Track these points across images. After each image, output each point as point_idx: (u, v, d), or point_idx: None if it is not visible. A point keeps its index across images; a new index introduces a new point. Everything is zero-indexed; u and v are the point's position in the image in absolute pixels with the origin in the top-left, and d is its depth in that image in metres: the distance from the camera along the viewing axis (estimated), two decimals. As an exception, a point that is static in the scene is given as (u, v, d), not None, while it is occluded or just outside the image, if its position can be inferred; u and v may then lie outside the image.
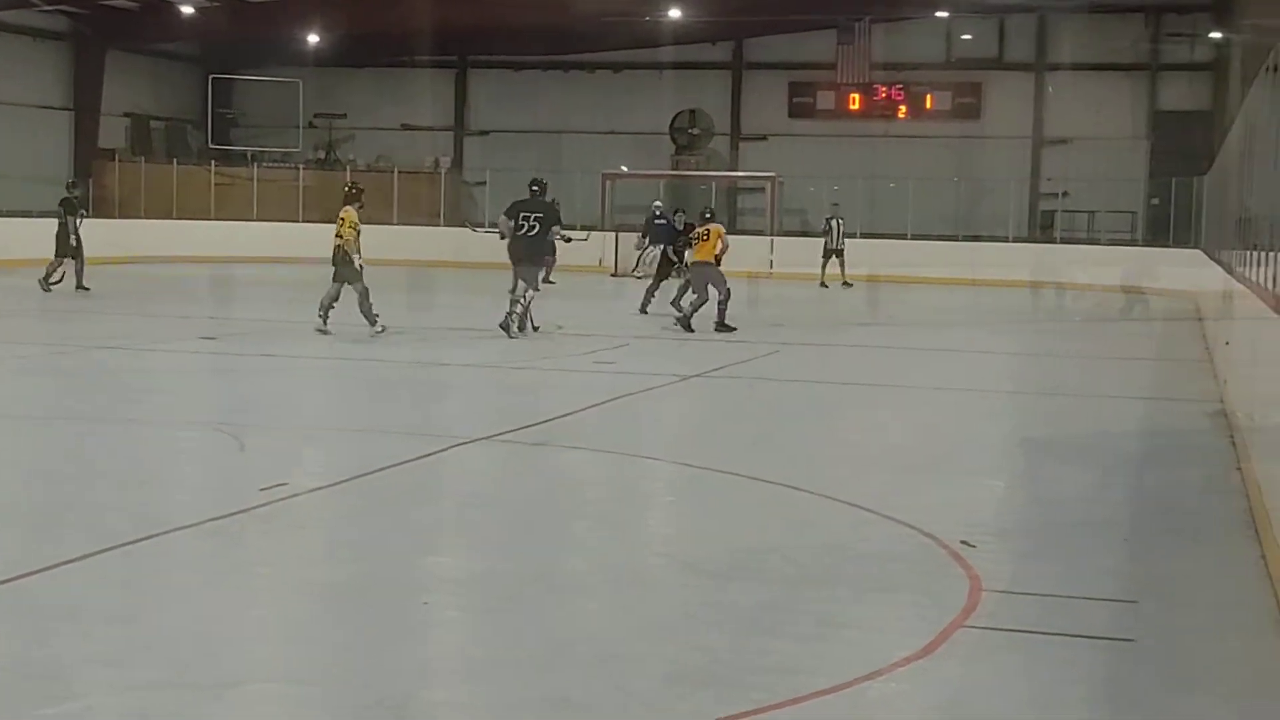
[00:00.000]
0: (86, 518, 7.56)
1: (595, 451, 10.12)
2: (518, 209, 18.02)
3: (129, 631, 5.67)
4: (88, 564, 6.53)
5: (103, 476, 8.83)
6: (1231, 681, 5.44)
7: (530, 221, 17.85)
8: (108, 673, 5.17)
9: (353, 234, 17.29)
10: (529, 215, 17.91)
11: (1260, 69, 12.02)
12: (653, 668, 5.30)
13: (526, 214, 17.94)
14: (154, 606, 6.04)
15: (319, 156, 40.51)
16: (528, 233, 17.78)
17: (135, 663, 5.27)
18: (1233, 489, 8.90)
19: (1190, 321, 22.19)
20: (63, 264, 23.33)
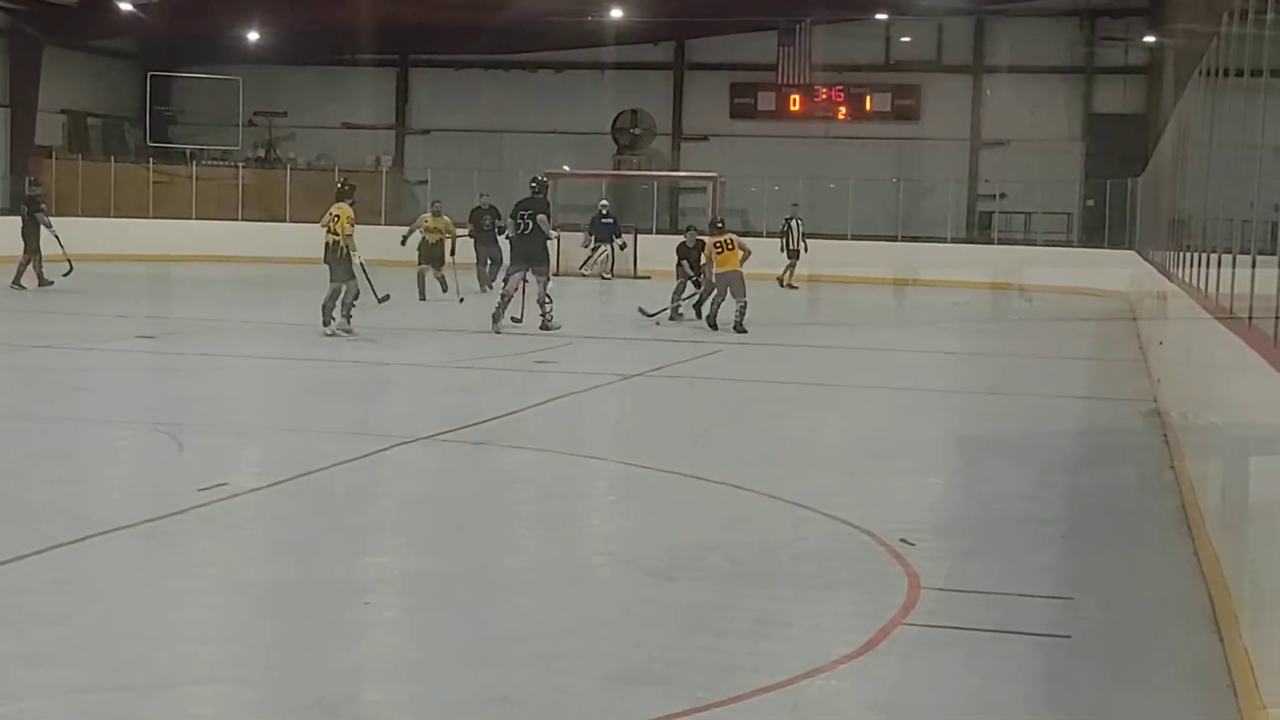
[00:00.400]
0: (20, 518, 7.46)
1: (536, 451, 10.10)
2: (518, 209, 18.22)
3: (63, 632, 5.61)
4: (22, 565, 6.44)
5: (37, 476, 8.71)
6: (1167, 676, 5.51)
7: (526, 220, 18.03)
8: (41, 674, 5.11)
9: (352, 231, 17.05)
10: (527, 213, 18.06)
11: (1192, 72, 12.17)
12: (592, 666, 5.30)
13: (525, 212, 18.09)
14: (90, 607, 5.97)
15: (259, 155, 40.21)
16: (524, 232, 17.98)
17: (70, 663, 5.22)
18: (1166, 487, 9.00)
19: (1125, 321, 22.42)
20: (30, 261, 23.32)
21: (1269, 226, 6.16)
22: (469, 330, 18.66)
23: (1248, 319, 6.32)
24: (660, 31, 38.42)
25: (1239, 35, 7.45)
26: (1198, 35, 12.79)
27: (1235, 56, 7.76)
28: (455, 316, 20.25)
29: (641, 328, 19.11)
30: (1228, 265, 7.58)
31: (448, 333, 18.61)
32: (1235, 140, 7.63)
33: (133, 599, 6.13)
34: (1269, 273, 5.83)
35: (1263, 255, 6.15)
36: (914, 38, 38.58)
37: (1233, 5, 7.86)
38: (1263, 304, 5.95)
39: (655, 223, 36.66)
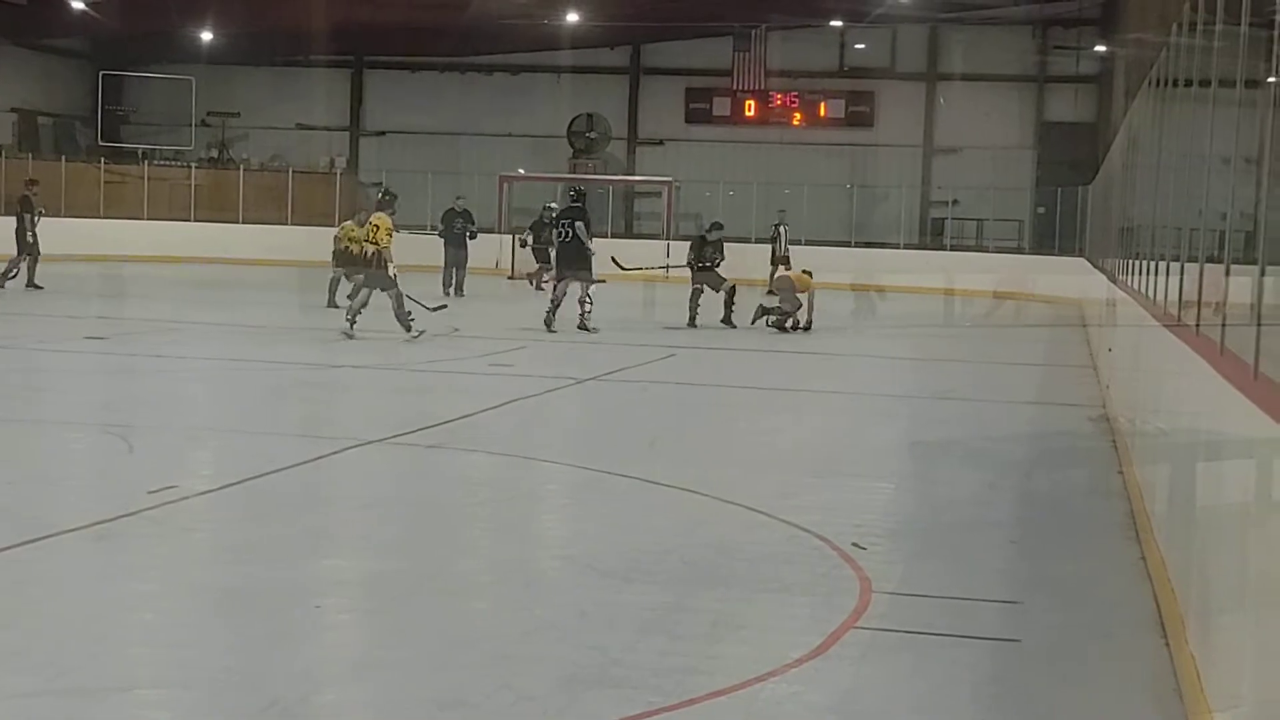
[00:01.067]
0: None
1: (491, 454, 10.10)
2: (559, 218, 19.14)
3: (9, 636, 5.56)
4: (-31, 567, 6.36)
5: None
6: (1115, 680, 5.57)
7: (567, 228, 18.71)
8: None
9: (390, 240, 17.16)
10: (568, 222, 18.76)
11: (1142, 82, 12.30)
12: (547, 669, 5.30)
13: (566, 221, 18.83)
14: (37, 611, 5.92)
15: (212, 155, 40.01)
16: (565, 240, 18.70)
17: (16, 667, 5.16)
18: (1114, 491, 9.10)
19: (1075, 328, 22.61)
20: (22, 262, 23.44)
21: (1216, 235, 6.24)
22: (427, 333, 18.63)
23: (1195, 326, 6.40)
24: (616, 36, 38.51)
25: (1187, 46, 7.55)
26: (1147, 45, 12.93)
27: (1184, 67, 7.86)
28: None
29: (596, 331, 19.11)
30: (1176, 273, 7.68)
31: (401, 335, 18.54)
32: (1183, 149, 7.72)
33: (81, 602, 6.07)
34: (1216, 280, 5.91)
35: (1210, 263, 6.23)
36: (868, 45, 38.81)
37: (1181, 16, 7.96)
38: (1209, 311, 6.03)
39: (610, 226, 36.68)
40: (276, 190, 37.90)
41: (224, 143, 40.44)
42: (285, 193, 37.61)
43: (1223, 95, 6.04)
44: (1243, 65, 5.40)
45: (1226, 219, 5.88)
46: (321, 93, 40.61)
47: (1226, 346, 5.37)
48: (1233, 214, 5.76)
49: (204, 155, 39.82)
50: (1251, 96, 5.20)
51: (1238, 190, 5.72)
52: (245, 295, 25.74)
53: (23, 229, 23.71)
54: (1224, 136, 5.91)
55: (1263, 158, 4.85)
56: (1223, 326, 5.49)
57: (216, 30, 37.07)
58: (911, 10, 35.43)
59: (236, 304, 23.65)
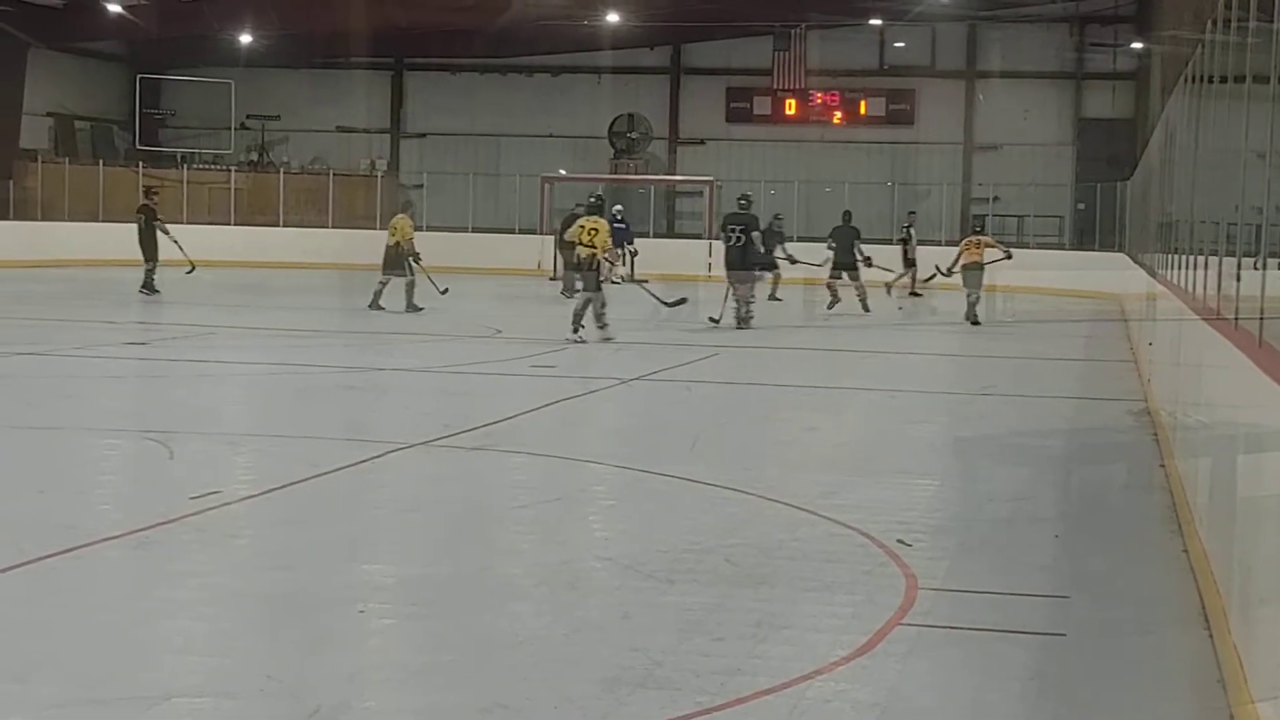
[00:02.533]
0: (6, 530, 7.32)
1: (534, 455, 10.11)
2: (726, 222, 19.53)
3: (48, 645, 5.54)
4: (7, 578, 6.37)
5: (24, 486, 8.56)
6: (1159, 673, 5.55)
7: (735, 233, 19.16)
8: (24, 689, 5.03)
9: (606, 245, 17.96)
10: (735, 227, 19.24)
11: (1178, 79, 12.24)
12: (591, 671, 5.30)
13: (732, 226, 19.31)
14: (76, 620, 5.89)
15: (251, 159, 40.14)
16: (735, 244, 19.19)
17: (54, 677, 5.15)
18: (1156, 485, 9.07)
19: (1115, 322, 22.48)
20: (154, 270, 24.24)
21: (1254, 229, 6.21)
22: (464, 335, 18.70)
23: (1234, 320, 6.38)
24: (656, 36, 38.50)
25: (1222, 42, 7.52)
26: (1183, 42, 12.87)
27: (1219, 63, 7.83)
28: (449, 322, 20.29)
29: (637, 331, 19.12)
30: (1214, 267, 7.65)
31: (443, 338, 18.63)
32: (1220, 144, 7.69)
33: (121, 611, 6.06)
34: (1255, 274, 5.89)
35: (1248, 257, 6.21)
36: (908, 43, 38.69)
37: (1216, 13, 7.93)
38: (1248, 305, 6.01)
39: (653, 226, 36.72)
40: (317, 193, 38.03)
41: (264, 146, 40.57)
42: (326, 195, 37.75)
43: (1257, 91, 6.01)
44: (1276, 61, 5.37)
45: (1263, 213, 5.86)
46: (361, 95, 40.73)
47: (1265, 339, 5.36)
48: (1269, 208, 5.73)
49: (243, 158, 39.97)
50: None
51: (1274, 185, 5.69)
52: (286, 299, 25.87)
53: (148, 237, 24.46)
54: (1259, 132, 5.89)
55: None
56: (1261, 319, 5.47)
57: (254, 33, 37.19)
58: (950, 8, 35.31)
59: (277, 308, 23.79)
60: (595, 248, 17.67)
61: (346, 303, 25.33)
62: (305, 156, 40.53)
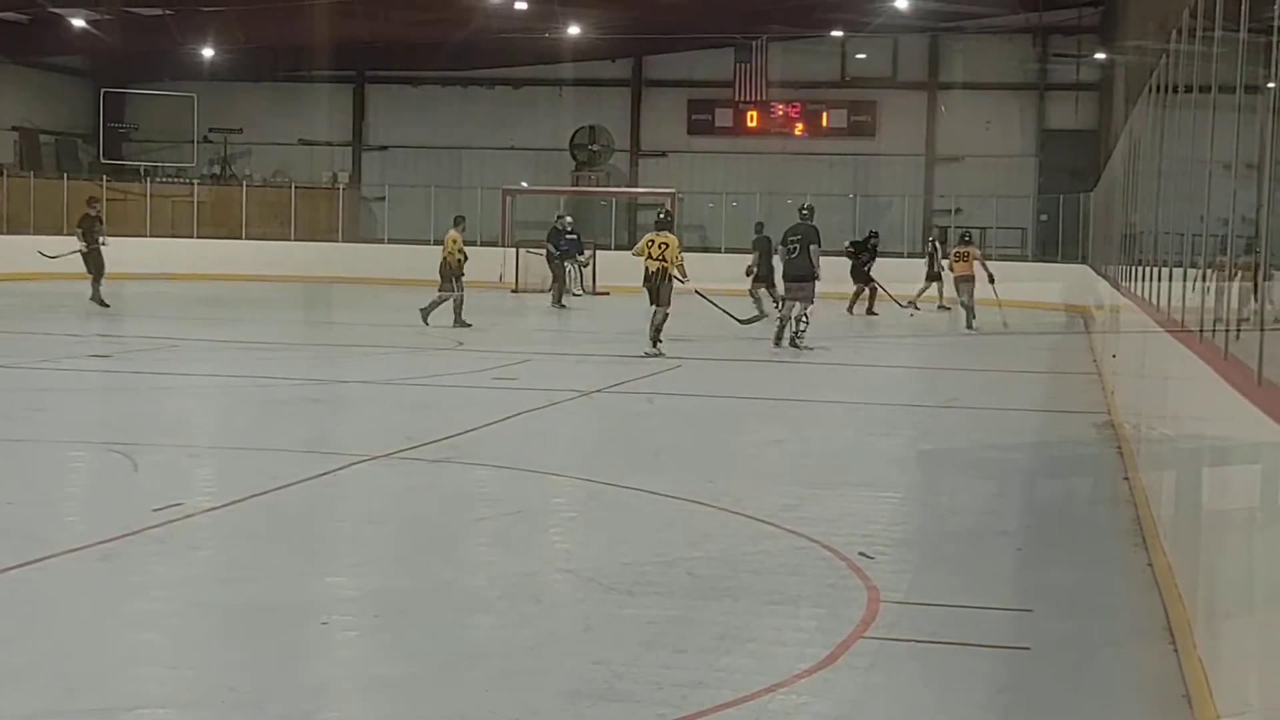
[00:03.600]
0: None
1: (496, 468, 10.07)
2: (788, 235, 19.11)
3: (11, 656, 5.52)
4: (-30, 588, 6.32)
5: None
6: (1124, 687, 5.55)
7: (793, 245, 18.90)
8: None
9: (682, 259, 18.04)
10: (797, 239, 18.91)
11: (1142, 89, 12.31)
12: (553, 684, 5.29)
13: (794, 238, 18.95)
14: (40, 631, 5.89)
15: (214, 172, 40.04)
16: (793, 256, 18.91)
17: (18, 688, 5.14)
18: (1120, 498, 9.09)
19: (1079, 335, 22.59)
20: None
21: (1218, 240, 6.23)
22: (427, 348, 18.65)
23: (1199, 332, 6.40)
24: (618, 48, 38.56)
25: (1187, 52, 7.56)
26: (1147, 52, 12.95)
27: (1183, 73, 7.86)
28: (412, 335, 20.23)
29: (599, 343, 19.12)
30: (1179, 279, 7.67)
31: (405, 350, 18.57)
32: (1184, 155, 7.72)
33: (85, 622, 6.05)
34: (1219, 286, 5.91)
35: (1213, 269, 6.23)
36: (869, 55, 38.84)
37: (1181, 23, 7.97)
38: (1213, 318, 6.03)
39: (614, 239, 36.73)
40: (279, 206, 37.94)
41: (226, 159, 40.47)
42: (288, 208, 37.67)
43: (1223, 101, 6.04)
44: (1242, 71, 5.39)
45: (1229, 224, 5.88)
46: (323, 108, 40.65)
47: (1231, 352, 5.37)
48: (1234, 219, 5.75)
49: (206, 172, 39.86)
50: (1251, 102, 5.20)
51: (1239, 195, 5.71)
52: (249, 311, 25.76)
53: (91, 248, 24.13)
54: (1225, 142, 5.91)
55: (1263, 163, 4.85)
56: (1226, 332, 5.48)
57: (217, 47, 37.09)
58: (912, 20, 35.46)
59: (240, 320, 23.67)
60: (665, 261, 17.77)
61: (309, 315, 25.26)
62: (268, 169, 40.44)
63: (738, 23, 36.94)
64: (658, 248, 17.87)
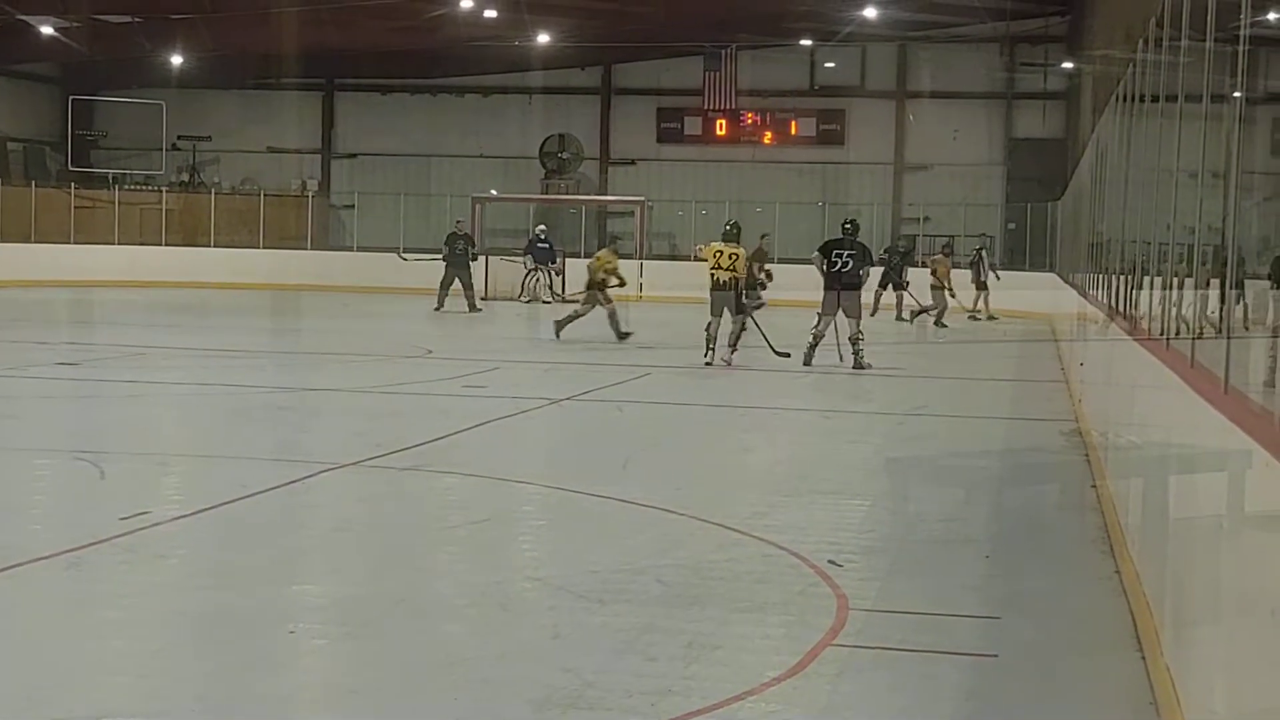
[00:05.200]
0: None
1: (465, 475, 10.04)
2: (830, 248, 18.48)
3: (-25, 665, 5.48)
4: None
5: None
6: (1092, 694, 5.57)
7: (844, 259, 18.29)
8: None
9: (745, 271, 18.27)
10: (841, 253, 18.35)
11: (1109, 98, 12.38)
12: (523, 692, 5.28)
13: (839, 252, 18.34)
14: (5, 641, 5.84)
15: (183, 179, 39.86)
16: (843, 270, 18.19)
17: (-18, 698, 5.10)
18: (1088, 505, 9.13)
19: (1047, 343, 22.69)
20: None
21: (1184, 249, 6.27)
22: (395, 356, 18.62)
23: (1165, 340, 6.43)
24: (587, 56, 38.57)
25: (1153, 62, 7.60)
26: (1114, 62, 13.04)
27: (1150, 82, 7.91)
28: (381, 343, 20.17)
29: (568, 351, 19.10)
30: (1145, 287, 7.72)
31: (374, 358, 18.53)
32: (1151, 164, 7.77)
33: (51, 631, 6.01)
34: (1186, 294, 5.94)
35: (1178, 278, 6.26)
36: (838, 63, 38.97)
37: (1147, 33, 8.02)
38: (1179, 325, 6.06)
39: (584, 246, 36.71)
40: (248, 214, 37.81)
41: (195, 167, 40.30)
42: (257, 216, 37.53)
43: (1189, 110, 6.07)
44: (1208, 80, 5.43)
45: (1195, 233, 5.91)
46: (292, 116, 40.50)
47: (1197, 360, 5.40)
48: (1200, 228, 5.79)
49: (175, 179, 39.67)
50: (1217, 111, 5.24)
51: (1205, 204, 5.75)
52: (217, 319, 25.65)
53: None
54: (1191, 151, 5.95)
55: (1229, 172, 4.88)
56: (1193, 340, 5.52)
57: (186, 54, 36.92)
58: (880, 29, 35.58)
59: (208, 328, 23.56)
60: (735, 272, 17.81)
61: (277, 323, 25.17)
62: (236, 177, 40.29)
63: (707, 31, 37.01)
64: (728, 258, 17.83)
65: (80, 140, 39.15)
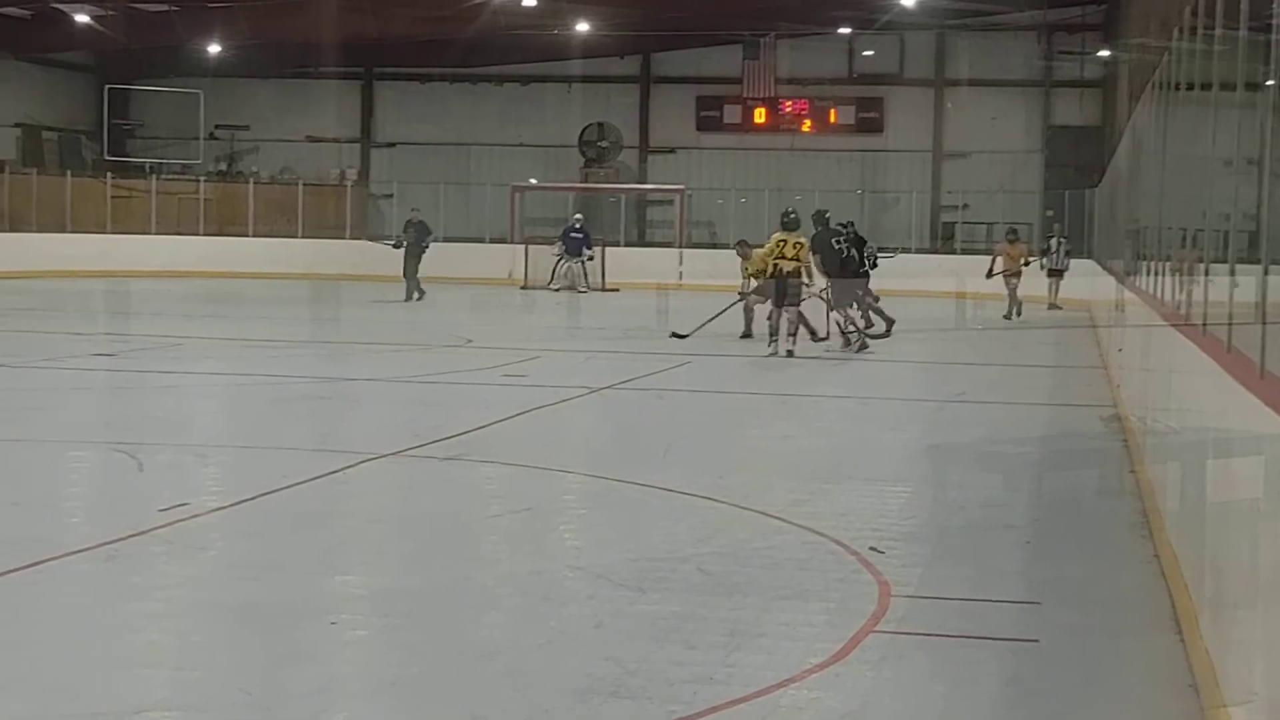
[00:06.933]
0: None
1: (506, 465, 10.07)
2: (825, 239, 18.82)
3: (14, 661, 5.48)
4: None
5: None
6: (1132, 677, 5.57)
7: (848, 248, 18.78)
8: None
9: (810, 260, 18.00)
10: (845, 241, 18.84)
11: (1145, 86, 12.31)
12: (564, 681, 5.29)
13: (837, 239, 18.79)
14: (43, 635, 5.83)
15: (220, 169, 39.99)
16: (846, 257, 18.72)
17: (21, 693, 5.10)
18: (1127, 490, 9.11)
19: (1085, 329, 22.59)
20: None
21: (1220, 235, 6.25)
22: (435, 345, 18.68)
23: (1202, 325, 6.41)
24: (626, 45, 38.55)
25: (1189, 50, 7.57)
26: (1150, 50, 12.96)
27: (1185, 71, 7.87)
28: (420, 332, 20.22)
29: (608, 339, 19.12)
30: (1181, 274, 7.69)
31: (414, 348, 18.60)
32: (1187, 151, 7.74)
33: (90, 625, 6.01)
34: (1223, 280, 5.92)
35: (1215, 264, 6.24)
36: (877, 51, 38.85)
37: (1182, 21, 7.98)
38: (1216, 311, 6.04)
39: (624, 235, 36.77)
40: (286, 203, 37.93)
41: (233, 156, 40.43)
42: (295, 205, 37.65)
43: (1224, 98, 6.05)
44: (1242, 68, 5.41)
45: (1230, 219, 5.89)
46: (331, 105, 40.63)
47: (1234, 345, 5.39)
48: (1236, 215, 5.77)
49: (213, 169, 39.80)
50: (1251, 99, 5.22)
51: (1240, 191, 5.73)
52: (255, 309, 25.78)
53: None
54: (1226, 139, 5.93)
55: (1264, 159, 4.87)
56: (1229, 325, 5.50)
57: (223, 43, 37.01)
58: (919, 17, 35.44)
59: (246, 318, 23.68)
60: (800, 261, 17.76)
61: (316, 313, 25.29)
62: (274, 166, 40.41)
63: (746, 20, 36.93)
64: (792, 248, 17.78)
65: (116, 129, 39.21)
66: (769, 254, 17.96)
